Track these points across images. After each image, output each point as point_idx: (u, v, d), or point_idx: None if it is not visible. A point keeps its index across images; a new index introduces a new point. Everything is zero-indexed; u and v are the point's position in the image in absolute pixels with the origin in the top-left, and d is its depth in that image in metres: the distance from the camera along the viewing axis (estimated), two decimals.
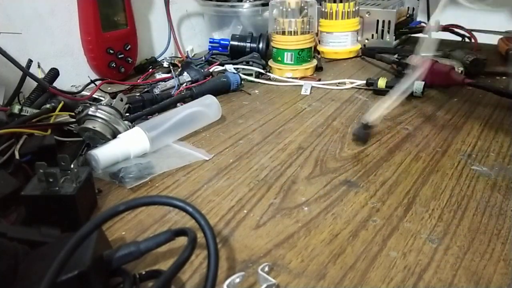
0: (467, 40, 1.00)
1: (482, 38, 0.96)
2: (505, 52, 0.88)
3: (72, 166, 0.42)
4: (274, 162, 0.53)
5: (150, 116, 0.64)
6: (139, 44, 0.88)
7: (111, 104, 0.57)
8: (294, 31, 0.82)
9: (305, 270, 0.36)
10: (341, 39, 0.93)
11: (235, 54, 0.88)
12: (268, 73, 0.83)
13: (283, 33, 0.82)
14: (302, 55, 0.82)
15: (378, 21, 0.97)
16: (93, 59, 0.81)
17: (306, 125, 0.62)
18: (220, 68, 0.83)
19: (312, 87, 0.76)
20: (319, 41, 0.96)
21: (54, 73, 0.69)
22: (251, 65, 0.82)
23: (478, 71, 0.79)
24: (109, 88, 0.76)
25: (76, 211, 0.40)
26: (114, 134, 0.55)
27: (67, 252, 0.29)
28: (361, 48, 0.95)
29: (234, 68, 0.81)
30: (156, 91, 0.73)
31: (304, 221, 0.42)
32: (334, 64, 0.91)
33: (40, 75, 0.72)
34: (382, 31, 0.97)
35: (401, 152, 0.54)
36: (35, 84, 0.64)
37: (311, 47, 0.83)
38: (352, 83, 0.77)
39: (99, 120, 0.54)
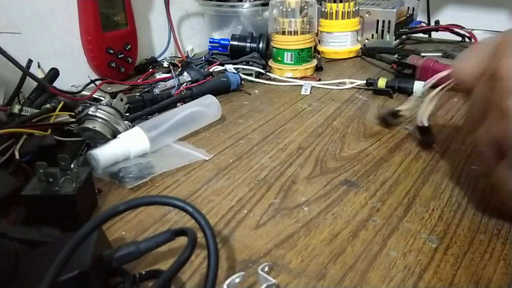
0: (467, 40, 1.00)
1: (482, 38, 0.96)
2: None
3: (72, 166, 0.42)
4: (274, 162, 0.53)
5: (150, 116, 0.64)
6: (139, 44, 0.87)
7: (111, 104, 0.57)
8: (294, 31, 0.82)
9: (305, 270, 0.36)
10: (341, 39, 0.93)
11: (235, 54, 0.88)
12: (268, 73, 0.83)
13: (283, 33, 0.82)
14: (302, 55, 0.82)
15: (378, 21, 0.97)
16: (93, 59, 0.81)
17: (306, 125, 0.62)
18: (220, 68, 0.83)
19: (312, 87, 0.76)
20: (319, 41, 0.96)
21: (54, 73, 0.69)
22: (251, 65, 0.82)
23: None
24: (109, 88, 0.76)
25: (76, 211, 0.40)
26: (114, 134, 0.55)
27: (67, 252, 0.29)
28: (361, 48, 0.95)
29: (234, 68, 0.81)
30: (156, 91, 0.73)
31: (304, 221, 0.42)
32: (334, 64, 0.91)
33: (40, 75, 0.72)
34: (382, 31, 0.97)
35: (401, 152, 0.54)
36: (35, 84, 0.64)
37: (311, 47, 0.83)
38: (352, 83, 0.77)
39: (99, 120, 0.54)
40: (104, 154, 0.50)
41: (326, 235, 0.40)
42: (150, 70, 0.87)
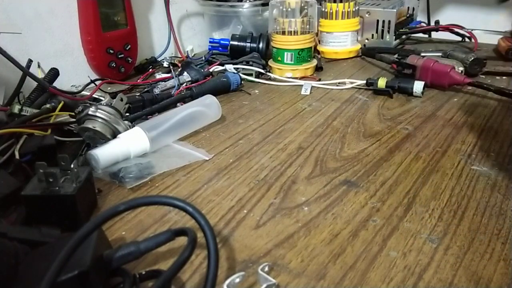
0: (467, 40, 1.00)
1: (482, 38, 0.96)
2: (505, 52, 0.88)
3: (72, 166, 0.42)
4: (274, 162, 0.53)
5: (150, 116, 0.64)
6: (139, 44, 0.87)
7: (111, 104, 0.57)
8: (294, 31, 0.82)
9: (305, 270, 0.36)
10: (341, 39, 0.93)
11: (235, 54, 0.88)
12: (268, 73, 0.83)
13: (283, 33, 0.82)
14: (302, 55, 0.82)
15: (378, 21, 0.97)
16: (93, 59, 0.81)
17: (306, 125, 0.62)
18: (220, 68, 0.83)
19: (312, 87, 0.76)
20: (319, 41, 0.96)
21: (54, 73, 0.69)
22: (251, 65, 0.82)
23: (478, 71, 0.79)
24: (109, 88, 0.76)
25: (76, 211, 0.40)
26: (114, 134, 0.55)
27: (67, 252, 0.29)
28: (361, 48, 0.95)
29: (234, 68, 0.81)
30: (156, 91, 0.73)
31: (304, 221, 0.42)
32: (334, 64, 0.91)
33: (40, 75, 0.72)
34: (382, 31, 0.97)
35: (401, 152, 0.54)
36: (35, 84, 0.64)
37: (311, 47, 0.83)
38: (352, 83, 0.77)
39: (99, 120, 0.54)
40: (104, 154, 0.50)
41: (326, 235, 0.40)
42: (150, 70, 0.87)
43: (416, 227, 0.40)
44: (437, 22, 1.05)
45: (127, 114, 0.62)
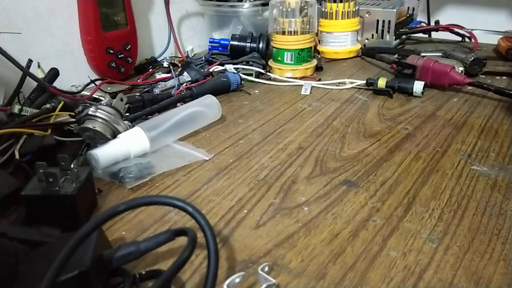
0: (467, 40, 1.00)
1: (482, 38, 0.96)
2: (505, 52, 0.88)
3: (72, 166, 0.42)
4: (274, 162, 0.53)
5: (150, 116, 0.64)
6: (139, 44, 0.87)
7: (111, 104, 0.57)
8: (294, 31, 0.82)
9: (305, 270, 0.36)
10: (341, 39, 0.93)
11: (235, 54, 0.88)
12: (268, 73, 0.83)
13: (283, 33, 0.82)
14: (302, 55, 0.82)
15: (378, 21, 0.97)
16: (93, 59, 0.81)
17: (306, 125, 0.62)
18: (220, 68, 0.83)
19: (312, 87, 0.76)
20: (319, 41, 0.96)
21: (54, 73, 0.69)
22: (251, 65, 0.82)
23: (478, 71, 0.79)
24: (109, 88, 0.76)
25: (76, 211, 0.40)
26: (114, 134, 0.55)
27: (67, 252, 0.29)
28: (361, 48, 0.95)
29: (234, 68, 0.81)
30: (156, 91, 0.73)
31: (304, 221, 0.42)
32: (334, 64, 0.91)
33: (40, 75, 0.72)
34: (382, 31, 0.97)
35: (401, 152, 0.54)
36: (35, 84, 0.64)
37: (311, 47, 0.83)
38: (352, 83, 0.77)
39: (99, 120, 0.54)
40: (104, 154, 0.50)
41: (326, 235, 0.40)
42: (150, 70, 0.87)
43: (416, 227, 0.40)
44: (437, 22, 1.05)
45: (127, 114, 0.62)
